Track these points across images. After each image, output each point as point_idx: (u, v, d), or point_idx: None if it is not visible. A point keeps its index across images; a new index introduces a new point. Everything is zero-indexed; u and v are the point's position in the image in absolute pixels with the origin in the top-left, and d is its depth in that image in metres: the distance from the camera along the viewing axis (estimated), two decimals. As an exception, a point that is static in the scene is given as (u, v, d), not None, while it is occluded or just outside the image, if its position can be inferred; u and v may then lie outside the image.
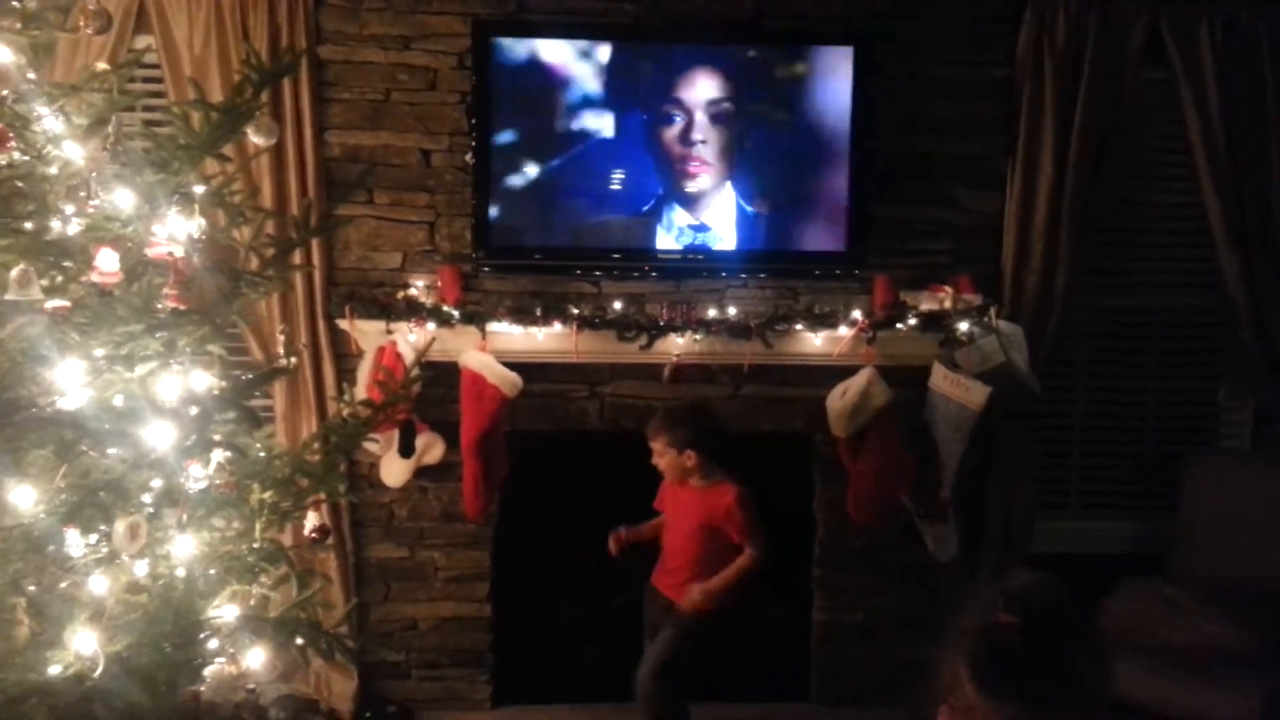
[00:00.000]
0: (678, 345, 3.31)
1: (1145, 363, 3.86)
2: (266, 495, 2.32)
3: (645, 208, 3.38)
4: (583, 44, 3.30)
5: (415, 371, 2.71)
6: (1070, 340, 3.73)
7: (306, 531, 2.55)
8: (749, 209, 3.39)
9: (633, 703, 3.49)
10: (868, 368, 3.32)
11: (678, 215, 3.39)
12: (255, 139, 2.38)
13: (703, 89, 3.32)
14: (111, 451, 2.04)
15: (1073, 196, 3.46)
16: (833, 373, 3.39)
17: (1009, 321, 3.41)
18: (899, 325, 3.33)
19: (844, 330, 3.33)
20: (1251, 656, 3.00)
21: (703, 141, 3.34)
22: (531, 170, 3.32)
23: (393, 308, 3.26)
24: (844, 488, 3.47)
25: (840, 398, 3.33)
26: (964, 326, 3.32)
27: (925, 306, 3.38)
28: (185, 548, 2.14)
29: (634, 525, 3.20)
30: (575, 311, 3.29)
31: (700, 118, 3.33)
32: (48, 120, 2.09)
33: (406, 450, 3.33)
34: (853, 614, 3.65)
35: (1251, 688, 2.91)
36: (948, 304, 3.37)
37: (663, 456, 3.06)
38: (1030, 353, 3.40)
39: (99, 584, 1.95)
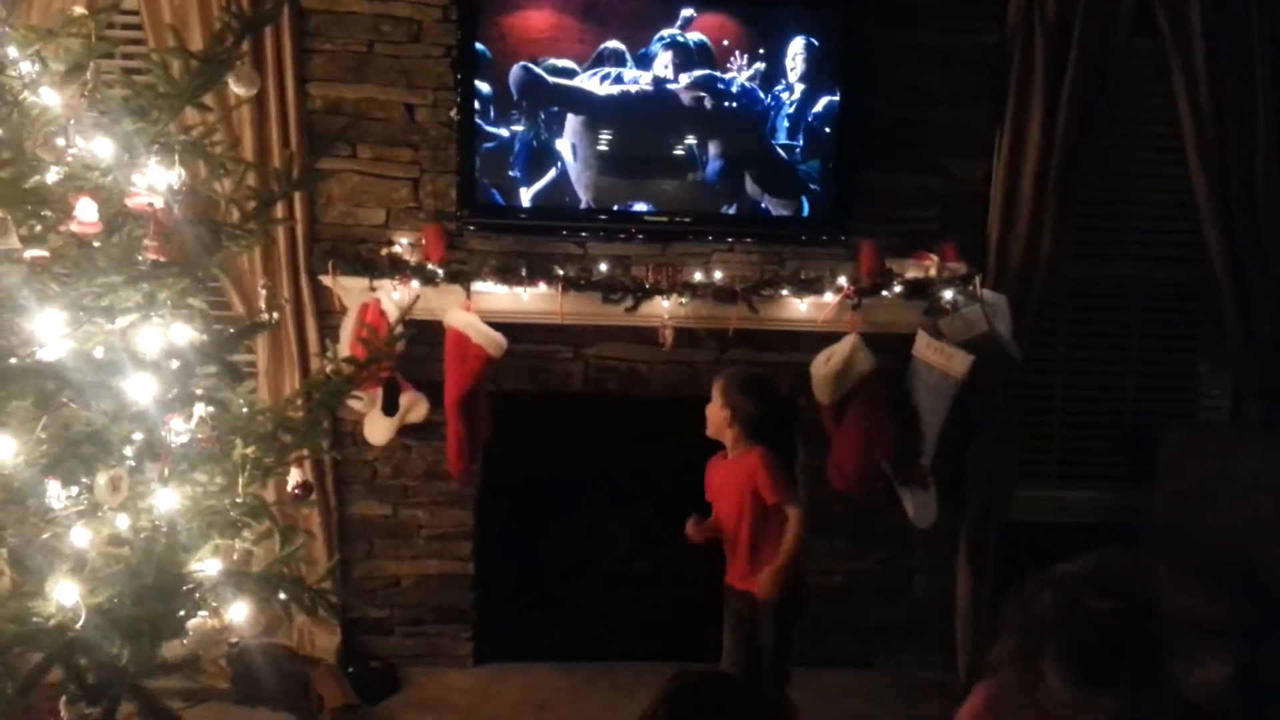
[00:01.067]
0: (663, 308, 3.31)
1: (1126, 334, 3.89)
2: (249, 450, 2.31)
3: (632, 169, 3.35)
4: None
5: (399, 329, 2.70)
6: (1053, 310, 3.75)
7: (289, 487, 2.55)
8: (736, 172, 3.37)
9: (613, 661, 3.55)
10: (852, 334, 3.33)
11: (664, 177, 3.36)
12: (236, 89, 2.34)
13: (691, 48, 3.28)
14: (92, 404, 2.02)
15: (1059, 166, 3.46)
16: (817, 339, 3.40)
17: (993, 291, 3.42)
18: (884, 292, 3.34)
19: (829, 296, 3.34)
20: (1225, 627, 3.05)
21: (690, 101, 3.31)
22: (517, 128, 3.28)
23: (376, 265, 3.22)
24: (826, 453, 3.49)
25: (824, 364, 3.34)
26: (948, 295, 3.33)
27: (910, 274, 3.38)
28: (167, 501, 2.13)
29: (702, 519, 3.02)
30: (561, 272, 3.27)
31: (687, 77, 3.30)
32: (24, 65, 2.05)
33: (390, 408, 3.32)
34: (832, 577, 3.69)
35: (1225, 657, 2.96)
36: (933, 272, 3.37)
37: (711, 404, 2.98)
38: (1014, 322, 3.41)
39: (80, 536, 1.94)
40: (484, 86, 3.24)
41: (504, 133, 3.27)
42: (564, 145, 3.31)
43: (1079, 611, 1.48)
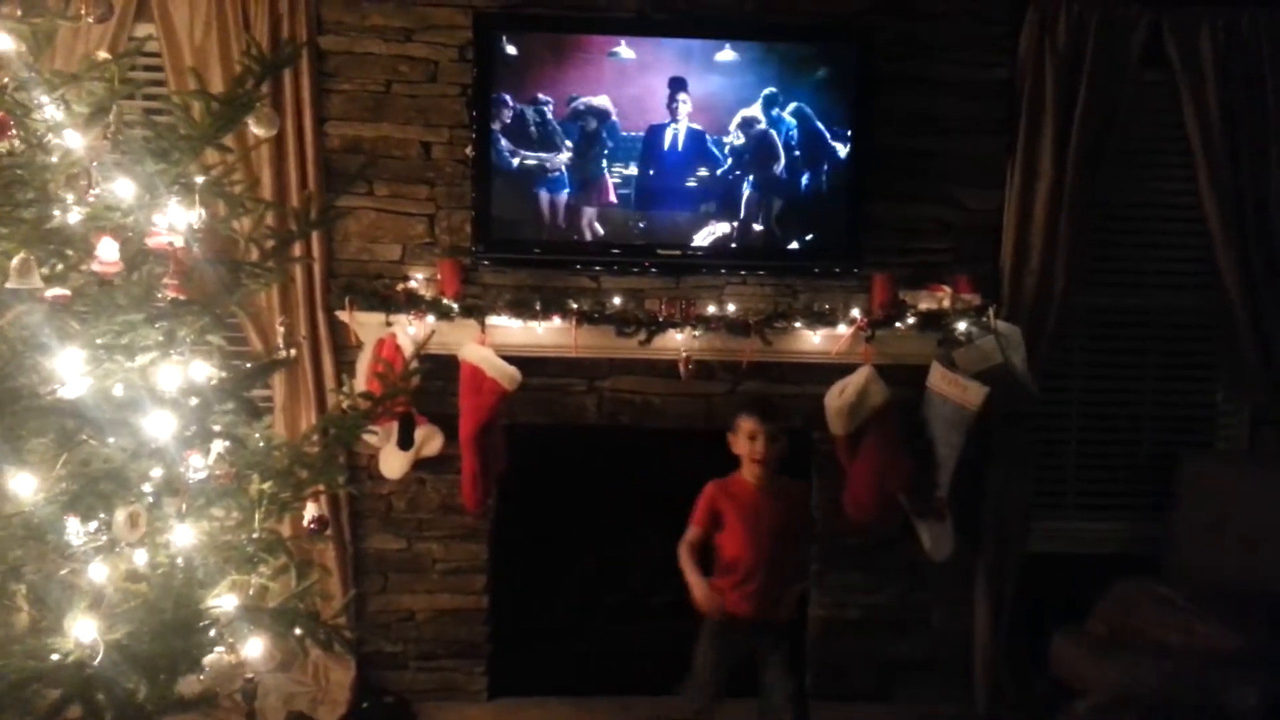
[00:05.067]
0: (677, 341, 3.32)
1: (1142, 363, 3.87)
2: (266, 486, 2.32)
3: (645, 202, 3.38)
4: (583, 38, 3.31)
5: (414, 364, 2.72)
6: (1068, 340, 3.74)
7: (305, 522, 2.56)
8: (749, 206, 3.39)
9: (628, 695, 3.53)
10: (866, 366, 3.33)
11: (677, 209, 3.39)
12: (255, 130, 2.38)
13: (704, 84, 3.32)
14: (111, 441, 2.04)
15: (1072, 197, 3.47)
16: (831, 371, 3.40)
17: (1007, 322, 3.42)
18: (897, 324, 3.33)
19: (843, 328, 3.34)
20: (1246, 657, 3.01)
21: (702, 137, 3.34)
22: (531, 164, 3.32)
23: (392, 300, 3.26)
24: (841, 485, 3.48)
25: (838, 396, 3.34)
26: (962, 326, 3.32)
27: (924, 306, 3.38)
28: (185, 537, 2.14)
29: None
30: (574, 306, 3.29)
31: (701, 113, 3.33)
32: (48, 108, 2.10)
33: (405, 442, 3.34)
34: (849, 611, 3.66)
35: (1247, 689, 2.91)
36: (946, 303, 3.37)
37: (774, 441, 2.93)
38: (1028, 353, 3.40)
39: (99, 572, 1.95)
40: (497, 126, 3.28)
41: (517, 171, 3.31)
42: (576, 181, 3.34)
43: None
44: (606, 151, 3.33)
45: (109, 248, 2.06)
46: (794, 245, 3.43)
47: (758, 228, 3.40)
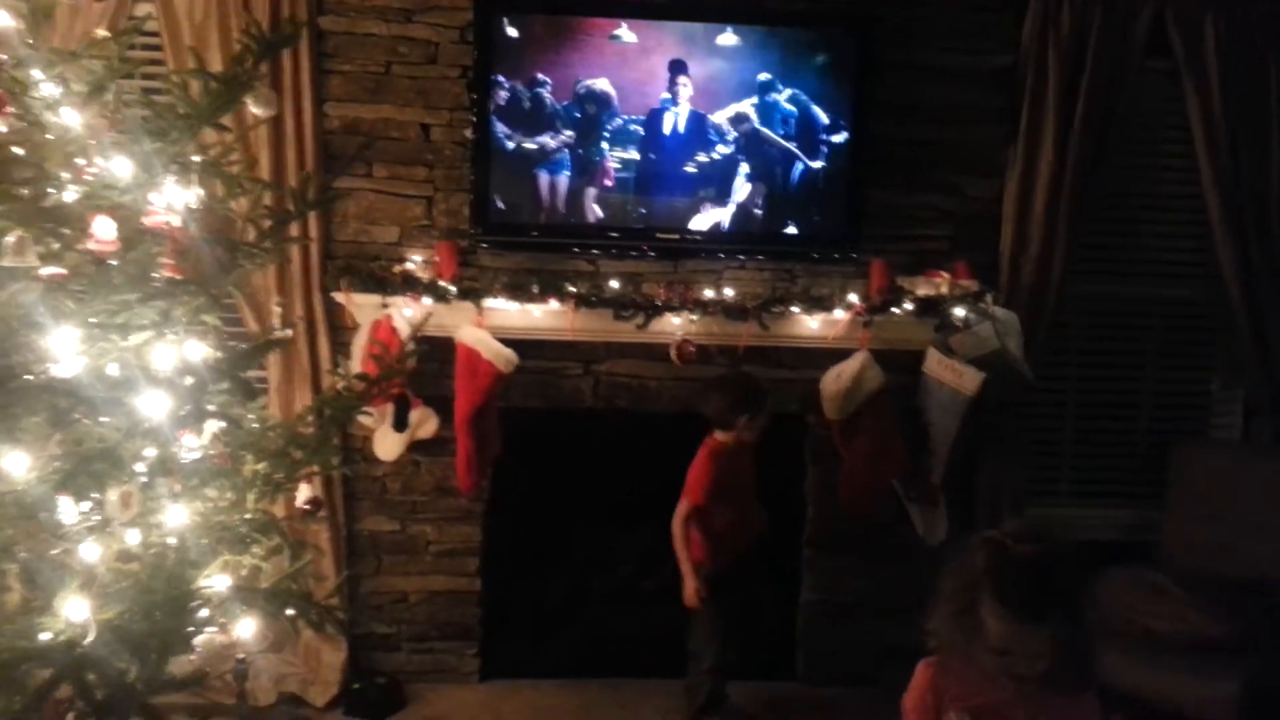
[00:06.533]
0: (674, 326, 3.32)
1: (1139, 352, 3.88)
2: (260, 466, 2.33)
3: (644, 186, 3.37)
4: (584, 20, 3.28)
5: (410, 346, 2.72)
6: (1065, 328, 3.74)
7: (299, 503, 2.57)
8: (748, 190, 3.39)
9: (620, 678, 3.56)
10: (862, 351, 3.34)
11: (675, 195, 3.38)
12: (254, 110, 2.37)
13: (704, 68, 3.31)
14: (105, 420, 2.04)
15: (1072, 185, 3.46)
16: (828, 355, 3.40)
17: (1005, 309, 3.42)
18: (895, 310, 3.34)
19: (840, 314, 3.34)
20: (1233, 645, 3.03)
21: (702, 121, 3.33)
22: (530, 147, 3.31)
23: (389, 282, 3.25)
24: (836, 470, 3.48)
25: (834, 380, 3.35)
26: (960, 312, 3.32)
27: (922, 292, 3.38)
28: (177, 517, 2.15)
29: None
30: (572, 289, 3.29)
31: (701, 97, 3.32)
32: (46, 86, 2.09)
33: (400, 424, 3.34)
34: (841, 595, 3.67)
35: (1232, 676, 2.94)
36: (944, 290, 3.37)
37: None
38: (1025, 340, 3.40)
39: (91, 552, 1.95)
40: (497, 107, 3.26)
41: (517, 153, 3.30)
42: (576, 164, 3.32)
43: (1008, 556, 1.63)
44: (607, 135, 3.32)
45: (105, 226, 2.05)
46: (792, 230, 3.42)
47: (756, 212, 3.40)
